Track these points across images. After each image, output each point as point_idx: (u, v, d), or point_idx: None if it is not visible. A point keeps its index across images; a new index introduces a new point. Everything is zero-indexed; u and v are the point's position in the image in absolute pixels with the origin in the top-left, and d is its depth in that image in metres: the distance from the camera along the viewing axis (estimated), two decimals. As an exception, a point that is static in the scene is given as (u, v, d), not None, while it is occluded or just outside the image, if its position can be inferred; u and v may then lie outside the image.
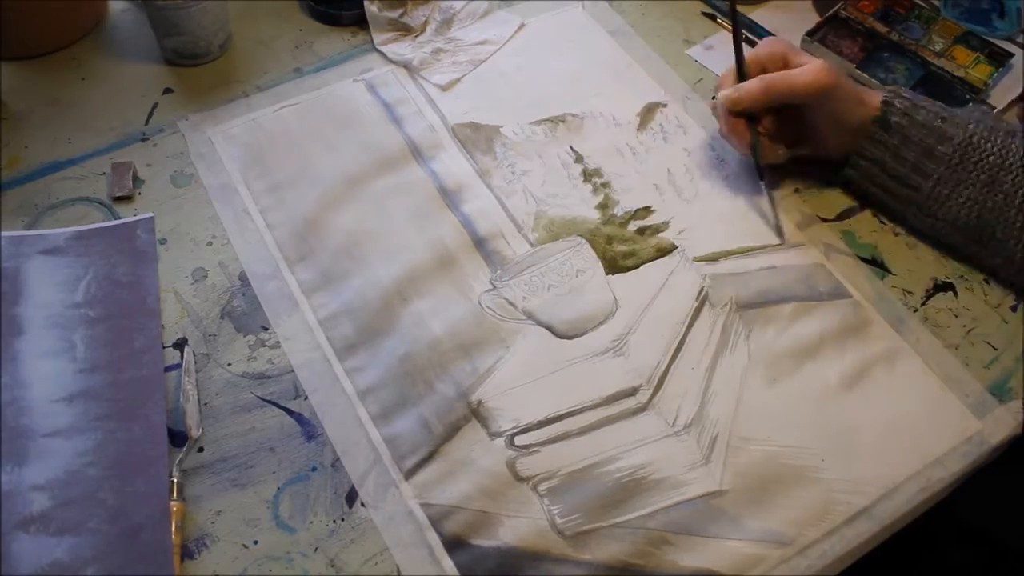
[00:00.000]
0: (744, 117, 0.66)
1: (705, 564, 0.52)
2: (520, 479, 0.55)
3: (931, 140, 0.62)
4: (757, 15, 0.83)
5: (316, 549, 0.52)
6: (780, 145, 0.68)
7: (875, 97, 0.64)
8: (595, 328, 0.61)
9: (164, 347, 0.59)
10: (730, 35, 0.81)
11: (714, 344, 0.61)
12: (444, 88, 0.73)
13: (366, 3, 0.75)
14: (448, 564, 0.51)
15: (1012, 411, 0.59)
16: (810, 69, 0.64)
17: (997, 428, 0.59)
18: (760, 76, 0.66)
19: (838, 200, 0.70)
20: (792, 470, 0.56)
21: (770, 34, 0.80)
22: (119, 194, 0.66)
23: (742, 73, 0.67)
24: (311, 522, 0.53)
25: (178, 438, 0.55)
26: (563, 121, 0.73)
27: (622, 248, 0.66)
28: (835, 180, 0.69)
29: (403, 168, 0.69)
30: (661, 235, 0.67)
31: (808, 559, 0.53)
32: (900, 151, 0.63)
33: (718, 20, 0.83)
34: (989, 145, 0.61)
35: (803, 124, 0.67)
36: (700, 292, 0.63)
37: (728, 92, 0.66)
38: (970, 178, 0.62)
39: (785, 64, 0.66)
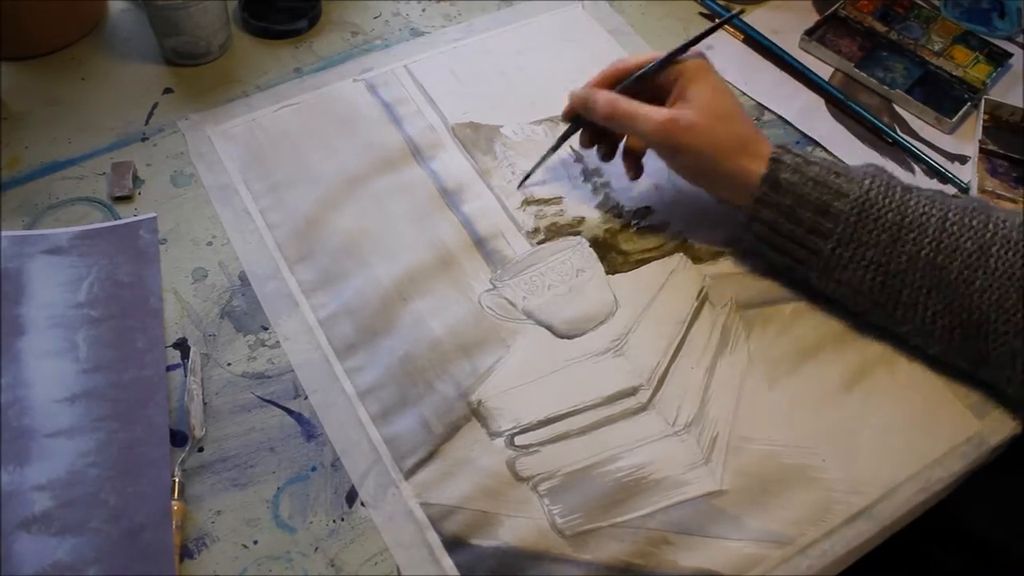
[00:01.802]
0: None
1: (705, 564, 0.52)
2: (520, 479, 0.55)
3: (826, 197, 0.57)
4: (757, 15, 0.83)
5: (316, 549, 0.52)
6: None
7: (760, 156, 0.59)
8: (595, 328, 0.61)
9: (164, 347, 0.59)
10: (730, 37, 0.82)
11: (714, 344, 0.61)
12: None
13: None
14: (448, 564, 0.51)
15: (1012, 411, 0.59)
16: (653, 119, 0.59)
17: (997, 429, 0.59)
18: (612, 95, 0.62)
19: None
20: (792, 470, 0.56)
21: (766, 38, 0.80)
22: (119, 194, 0.66)
23: (631, 82, 0.63)
24: (311, 522, 0.53)
25: (179, 438, 0.55)
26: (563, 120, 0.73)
27: (622, 248, 0.66)
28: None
29: (403, 168, 0.69)
30: (661, 235, 0.67)
31: (808, 559, 0.53)
32: (795, 212, 0.58)
33: (716, 21, 0.82)
34: (887, 201, 0.56)
35: None
36: (700, 292, 0.63)
37: (581, 91, 0.64)
38: (871, 238, 0.56)
39: (675, 91, 0.61)
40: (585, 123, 0.66)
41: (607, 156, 0.68)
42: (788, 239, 0.59)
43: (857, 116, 0.75)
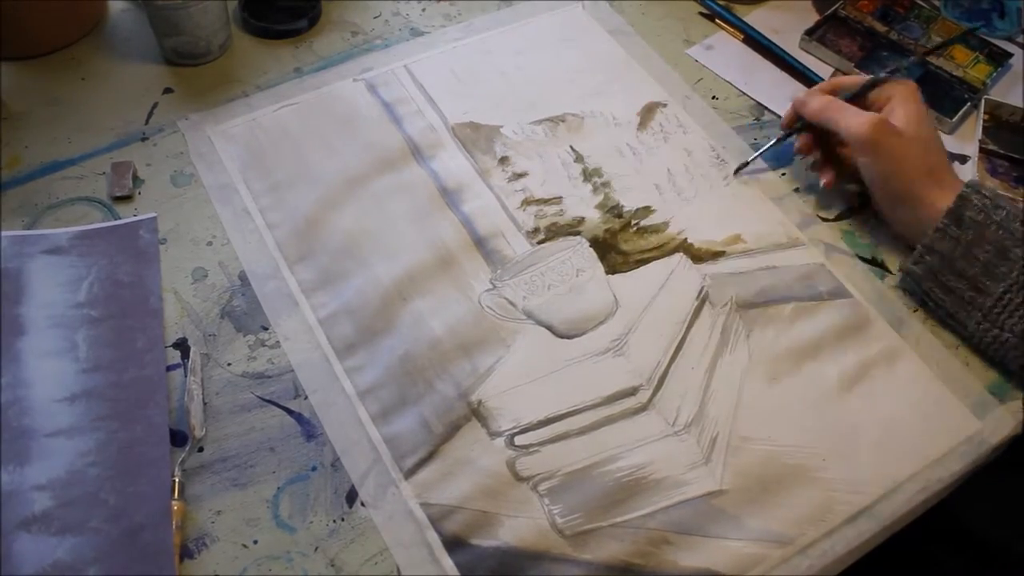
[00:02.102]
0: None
1: (705, 564, 0.52)
2: (520, 479, 0.55)
3: (1008, 242, 0.57)
4: (757, 14, 0.83)
5: (316, 549, 0.52)
6: (850, 184, 0.68)
7: (946, 190, 0.61)
8: (595, 328, 0.61)
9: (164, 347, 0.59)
10: (730, 37, 0.82)
11: (714, 344, 0.61)
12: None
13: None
14: (448, 564, 0.51)
15: (1012, 411, 0.59)
16: (863, 116, 0.63)
17: (997, 428, 0.59)
18: (828, 96, 0.66)
19: (838, 200, 0.70)
20: (792, 470, 0.56)
21: (765, 38, 0.80)
22: (119, 194, 0.66)
23: (855, 95, 0.66)
24: (311, 522, 0.53)
25: (179, 438, 0.55)
26: (563, 121, 0.73)
27: (622, 248, 0.66)
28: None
29: (403, 168, 0.69)
30: (661, 235, 0.67)
31: (808, 559, 0.53)
32: (972, 250, 0.58)
33: (716, 21, 0.83)
34: None
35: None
36: (700, 292, 0.63)
37: (802, 95, 0.67)
38: None
39: (885, 109, 0.65)
40: (804, 130, 0.68)
41: (817, 168, 0.69)
42: (958, 276, 0.60)
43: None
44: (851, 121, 0.63)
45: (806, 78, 0.78)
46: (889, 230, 0.67)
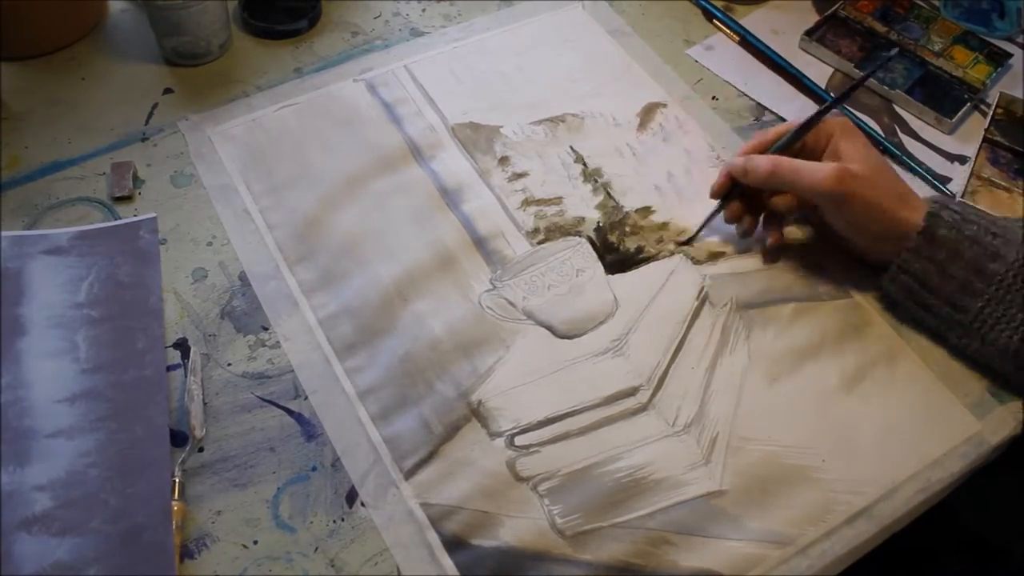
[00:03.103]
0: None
1: (705, 564, 0.52)
2: (520, 479, 0.55)
3: (982, 257, 0.57)
4: (757, 15, 0.83)
5: (316, 549, 0.52)
6: (801, 227, 0.66)
7: (916, 209, 0.59)
8: (595, 328, 0.61)
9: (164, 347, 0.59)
10: (727, 39, 0.82)
11: (714, 344, 0.61)
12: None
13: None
14: (448, 564, 0.51)
15: (1012, 411, 0.59)
16: (822, 170, 0.59)
17: (997, 428, 0.59)
18: (774, 157, 0.62)
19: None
20: (792, 470, 0.56)
21: (762, 43, 0.80)
22: (119, 194, 0.66)
23: (782, 145, 0.63)
24: (311, 522, 0.53)
25: (179, 438, 0.55)
26: (563, 121, 0.73)
27: (622, 248, 0.66)
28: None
29: (403, 168, 0.69)
30: (661, 235, 0.67)
31: (808, 559, 0.53)
32: (946, 268, 0.58)
33: (714, 22, 0.83)
34: None
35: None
36: (700, 292, 0.63)
37: (739, 160, 0.63)
38: None
39: (828, 149, 0.62)
40: (733, 197, 0.65)
41: (747, 233, 0.66)
42: (935, 295, 0.59)
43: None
44: (807, 178, 0.59)
45: (800, 83, 0.78)
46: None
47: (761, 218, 0.66)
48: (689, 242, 0.66)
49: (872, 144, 0.62)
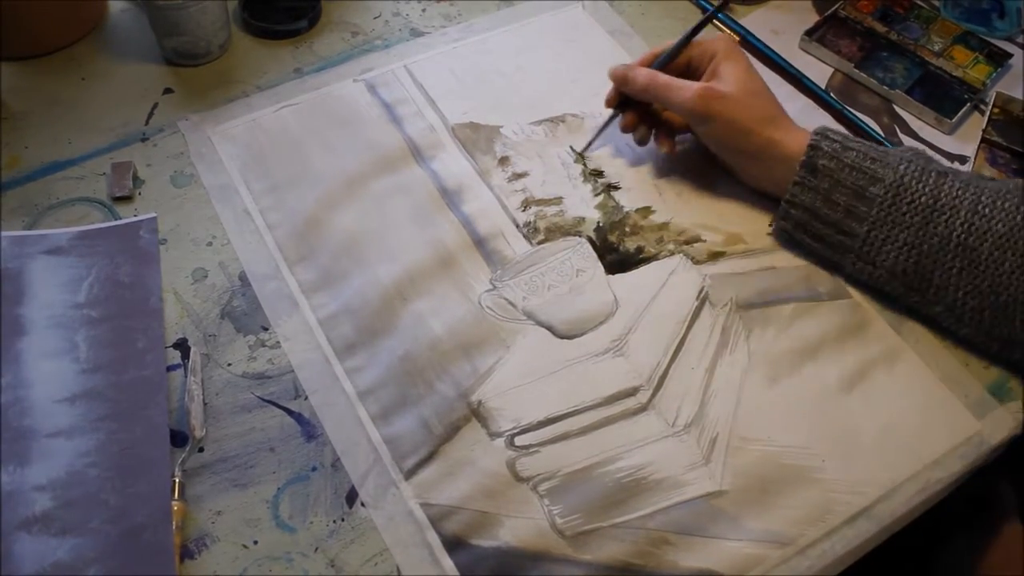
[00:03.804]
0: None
1: (705, 564, 0.52)
2: (520, 479, 0.55)
3: (862, 182, 0.60)
4: (757, 15, 0.83)
5: (316, 549, 0.52)
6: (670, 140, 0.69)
7: (788, 131, 0.63)
8: (595, 328, 0.61)
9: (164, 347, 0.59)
10: (726, 39, 0.81)
11: (714, 344, 0.61)
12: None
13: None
14: (448, 564, 0.51)
15: (1012, 411, 0.59)
16: (688, 89, 0.63)
17: (997, 429, 0.59)
18: (650, 70, 0.66)
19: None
20: (792, 470, 0.56)
21: (762, 42, 0.80)
22: (119, 194, 0.66)
23: (665, 59, 0.67)
24: (311, 522, 0.53)
25: (179, 438, 0.55)
26: (563, 121, 0.73)
27: (622, 248, 0.66)
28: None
29: (403, 168, 0.69)
30: (661, 235, 0.67)
31: (808, 559, 0.53)
32: (831, 195, 0.60)
33: (715, 22, 0.82)
34: (920, 185, 0.59)
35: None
36: (700, 292, 0.63)
37: (619, 68, 0.67)
38: (904, 220, 0.59)
39: (708, 69, 0.65)
40: (627, 106, 0.69)
41: (643, 141, 0.70)
42: (824, 223, 0.61)
43: (850, 122, 0.75)
44: (676, 96, 0.63)
45: (800, 83, 0.78)
46: (745, 186, 0.68)
47: (654, 131, 0.70)
48: (584, 151, 0.70)
49: (752, 68, 0.66)
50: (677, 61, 0.67)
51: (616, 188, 0.69)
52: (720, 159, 0.67)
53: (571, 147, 0.70)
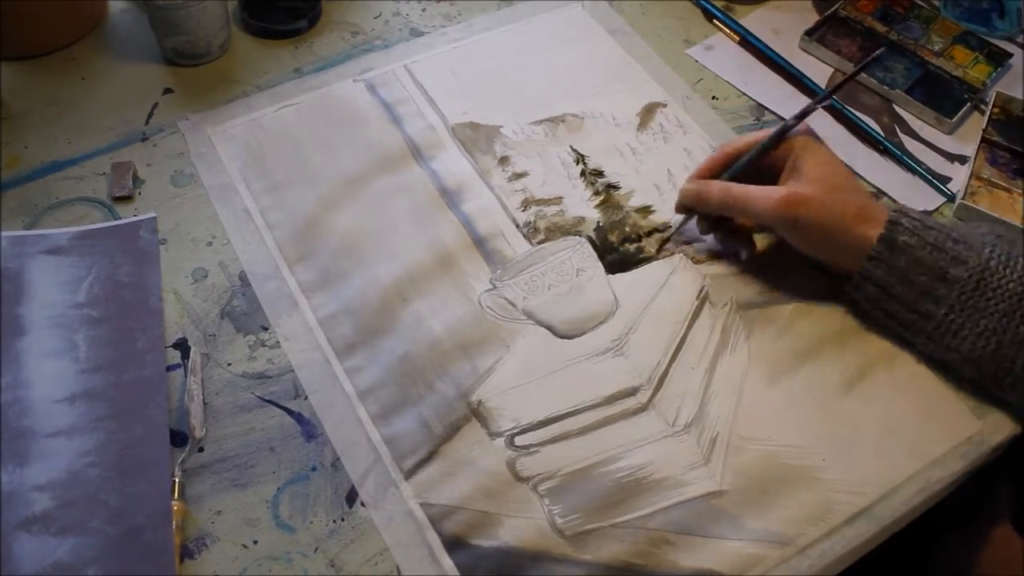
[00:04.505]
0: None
1: (705, 564, 0.52)
2: (520, 479, 0.55)
3: (944, 263, 0.56)
4: (757, 15, 0.83)
5: (316, 549, 0.52)
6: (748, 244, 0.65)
7: (879, 223, 0.58)
8: (595, 328, 0.61)
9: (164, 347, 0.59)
10: (727, 38, 0.82)
11: (714, 344, 0.61)
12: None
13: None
14: (448, 564, 0.51)
15: (1011, 411, 0.60)
16: (771, 197, 0.58)
17: (997, 429, 0.59)
18: (724, 184, 0.62)
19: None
20: (792, 470, 0.56)
21: (763, 43, 0.80)
22: (119, 194, 0.66)
23: (744, 165, 0.63)
24: (311, 522, 0.53)
25: (179, 438, 0.55)
26: (563, 121, 0.73)
27: (622, 248, 0.66)
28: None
29: (403, 168, 0.69)
30: (661, 235, 0.67)
31: (808, 559, 0.53)
32: (908, 274, 0.57)
33: (714, 22, 0.83)
34: (1008, 271, 0.55)
35: None
36: (700, 292, 0.63)
37: (690, 186, 0.63)
38: (988, 306, 0.55)
39: (787, 166, 0.61)
40: (699, 212, 0.65)
41: (725, 241, 0.66)
42: (898, 301, 0.58)
43: (850, 121, 0.75)
44: (759, 207, 0.59)
45: (800, 83, 0.78)
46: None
47: (727, 229, 0.65)
48: (667, 240, 0.66)
49: (834, 159, 0.61)
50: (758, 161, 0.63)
51: (616, 188, 0.69)
52: (811, 256, 0.62)
53: (658, 247, 0.66)
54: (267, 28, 0.77)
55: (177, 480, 0.53)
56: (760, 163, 0.62)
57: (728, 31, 0.81)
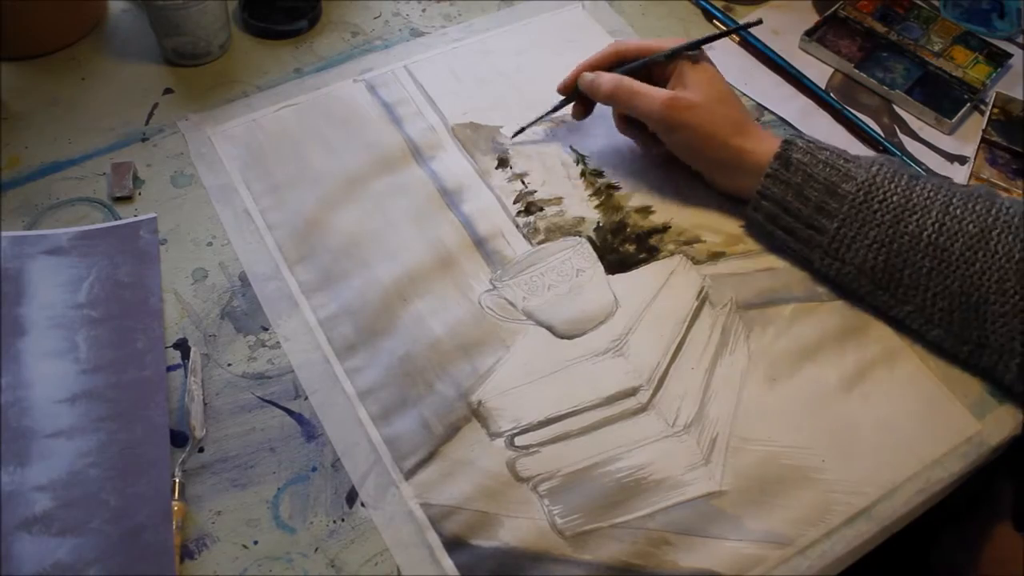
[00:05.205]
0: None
1: (705, 564, 0.52)
2: (520, 479, 0.55)
3: (835, 178, 0.60)
4: (756, 15, 0.83)
5: (316, 549, 0.52)
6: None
7: (757, 139, 0.63)
8: (595, 328, 0.61)
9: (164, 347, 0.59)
10: (726, 39, 0.81)
11: (714, 344, 0.61)
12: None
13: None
14: (448, 564, 0.51)
15: (1011, 411, 0.59)
16: (656, 97, 0.63)
17: (996, 429, 0.59)
18: (617, 76, 0.66)
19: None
20: (792, 470, 0.56)
21: (762, 42, 0.80)
22: (119, 194, 0.66)
23: (639, 66, 0.67)
24: (311, 522, 0.53)
25: (179, 438, 0.55)
26: (563, 121, 0.73)
27: (622, 248, 0.66)
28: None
29: (403, 168, 0.69)
30: (661, 235, 0.67)
31: (808, 559, 0.53)
32: (803, 190, 0.61)
33: (714, 22, 0.83)
34: (892, 185, 0.59)
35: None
36: (700, 292, 0.63)
37: (589, 76, 0.67)
38: (875, 218, 0.59)
39: (674, 74, 0.65)
40: (579, 97, 0.70)
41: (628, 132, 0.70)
42: (795, 218, 0.62)
43: (850, 122, 0.75)
44: (643, 104, 0.64)
45: (800, 83, 0.78)
46: (718, 192, 0.68)
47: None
48: (521, 131, 0.71)
49: (720, 76, 0.66)
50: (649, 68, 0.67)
51: (616, 188, 0.69)
52: (690, 164, 0.67)
53: (514, 133, 0.71)
54: (267, 28, 0.77)
55: (177, 480, 0.53)
56: (650, 72, 0.67)
57: (726, 29, 0.81)
